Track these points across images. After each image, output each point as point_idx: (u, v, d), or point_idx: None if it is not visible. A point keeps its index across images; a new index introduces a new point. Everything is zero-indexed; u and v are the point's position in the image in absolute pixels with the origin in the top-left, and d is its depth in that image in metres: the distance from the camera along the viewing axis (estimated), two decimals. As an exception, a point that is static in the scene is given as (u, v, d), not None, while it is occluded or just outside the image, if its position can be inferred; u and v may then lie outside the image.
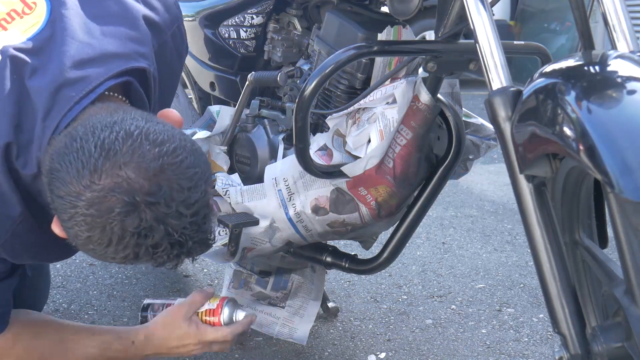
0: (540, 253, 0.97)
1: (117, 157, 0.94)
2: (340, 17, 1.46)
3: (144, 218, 0.95)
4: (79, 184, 0.94)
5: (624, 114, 0.84)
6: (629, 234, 0.83)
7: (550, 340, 1.90)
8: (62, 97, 1.05)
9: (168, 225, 0.96)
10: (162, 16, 1.23)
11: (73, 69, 1.06)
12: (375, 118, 1.39)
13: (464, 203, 3.23)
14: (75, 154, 0.95)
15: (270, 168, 1.51)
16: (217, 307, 1.40)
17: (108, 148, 0.94)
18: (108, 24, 1.14)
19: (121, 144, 0.95)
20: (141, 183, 0.94)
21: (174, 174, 0.96)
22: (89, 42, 1.10)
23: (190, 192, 0.97)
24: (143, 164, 0.95)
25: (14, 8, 1.12)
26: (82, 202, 0.94)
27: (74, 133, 0.98)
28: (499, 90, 1.01)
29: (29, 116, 1.05)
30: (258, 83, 1.59)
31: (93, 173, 0.94)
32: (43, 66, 1.07)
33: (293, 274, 1.80)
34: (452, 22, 1.25)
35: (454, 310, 2.09)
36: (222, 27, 1.76)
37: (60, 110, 1.04)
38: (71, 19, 1.11)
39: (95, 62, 1.09)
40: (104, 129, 0.96)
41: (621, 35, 1.07)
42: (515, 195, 0.99)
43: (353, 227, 1.49)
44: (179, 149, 0.98)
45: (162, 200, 0.95)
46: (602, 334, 0.91)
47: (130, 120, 0.98)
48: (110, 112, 1.02)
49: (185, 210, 0.97)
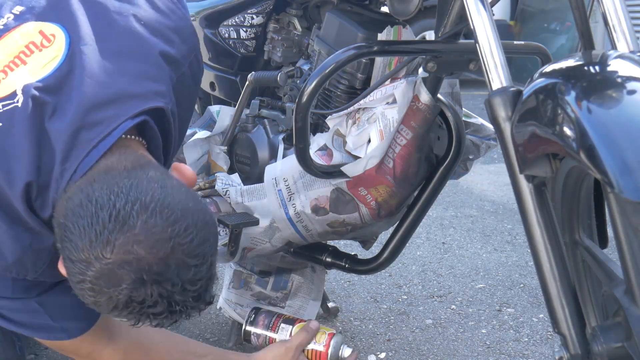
0: (540, 253, 0.97)
1: (130, 233, 0.96)
2: (340, 17, 1.46)
3: (150, 293, 0.98)
4: (90, 254, 0.96)
5: (624, 114, 0.83)
6: (629, 234, 0.83)
7: (550, 340, 1.90)
8: (81, 140, 1.05)
9: (172, 300, 0.99)
10: (180, 48, 1.22)
11: (91, 111, 1.07)
12: (375, 118, 1.39)
13: (464, 203, 3.23)
14: (90, 220, 0.96)
15: (270, 168, 1.51)
16: (324, 348, 1.47)
17: (123, 222, 0.96)
18: (125, 61, 1.13)
19: (135, 219, 0.96)
20: (151, 262, 0.96)
21: (183, 253, 0.98)
22: (106, 82, 1.10)
23: (197, 268, 1.00)
24: (155, 243, 0.97)
25: (33, 40, 1.12)
26: (91, 272, 0.96)
27: (90, 192, 0.99)
28: (499, 90, 1.01)
29: (48, 158, 1.06)
30: (258, 83, 1.59)
31: (105, 245, 0.95)
32: (61, 107, 1.07)
33: (293, 274, 1.80)
34: (452, 22, 1.25)
35: (454, 310, 2.09)
36: (222, 27, 1.76)
37: (79, 155, 1.04)
38: (89, 55, 1.11)
39: (112, 103, 1.08)
40: (120, 195, 0.97)
41: (621, 35, 1.07)
42: (515, 195, 0.99)
43: (353, 227, 1.49)
44: (191, 227, 0.99)
45: (169, 279, 0.98)
46: (602, 334, 0.91)
47: (146, 185, 1.00)
48: (127, 167, 1.03)
49: (190, 286, 1.00)
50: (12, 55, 1.10)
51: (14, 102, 1.06)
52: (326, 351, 1.45)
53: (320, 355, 1.45)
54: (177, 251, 0.98)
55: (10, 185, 1.04)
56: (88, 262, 0.96)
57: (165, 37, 1.20)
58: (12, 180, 1.04)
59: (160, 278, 0.97)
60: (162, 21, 1.21)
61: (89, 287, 0.97)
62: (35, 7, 1.15)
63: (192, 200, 1.03)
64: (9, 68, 1.09)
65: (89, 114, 1.06)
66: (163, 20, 1.21)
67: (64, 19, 1.14)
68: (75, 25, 1.13)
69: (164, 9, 1.22)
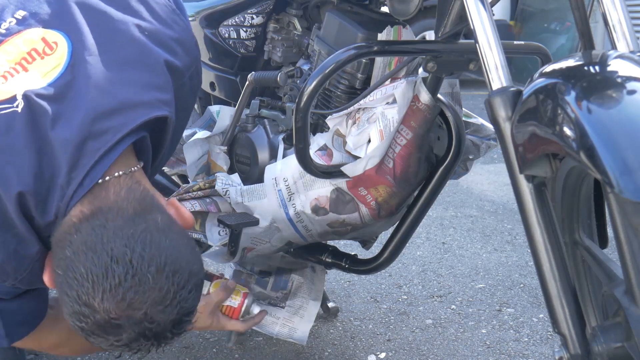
0: (540, 253, 0.97)
1: (146, 294, 1.00)
2: (340, 17, 1.46)
3: (143, 343, 1.03)
4: (100, 304, 0.99)
5: (624, 114, 0.83)
6: (629, 234, 0.83)
7: (550, 340, 1.90)
8: (87, 150, 1.06)
9: (158, 344, 1.06)
10: (182, 59, 1.22)
11: (97, 120, 1.07)
12: (375, 118, 1.39)
13: (464, 203, 3.23)
14: (104, 270, 0.99)
15: (270, 168, 1.51)
16: (238, 306, 1.56)
17: (139, 282, 1.00)
18: (130, 70, 1.13)
19: (151, 282, 1.00)
20: (159, 323, 1.02)
21: (183, 314, 1.05)
22: (111, 91, 1.10)
23: (187, 318, 1.07)
24: (166, 309, 1.02)
25: (35, 47, 1.11)
26: (90, 319, 1.00)
27: (104, 237, 1.01)
28: (499, 90, 1.01)
29: (50, 165, 1.05)
30: (258, 83, 1.59)
31: (119, 302, 0.99)
32: (65, 115, 1.06)
33: (293, 274, 1.80)
34: (452, 22, 1.25)
35: (454, 310, 2.09)
36: (222, 27, 1.76)
37: (86, 164, 1.05)
38: (92, 64, 1.10)
39: (118, 112, 1.09)
40: (135, 250, 1.01)
41: (621, 35, 1.07)
42: (515, 195, 0.99)
43: (353, 227, 1.49)
44: (193, 289, 1.06)
45: (165, 333, 1.04)
46: (602, 334, 0.91)
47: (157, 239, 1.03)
48: (136, 209, 1.06)
49: (175, 330, 1.06)
50: (14, 62, 1.10)
51: (13, 107, 1.05)
52: (239, 308, 1.56)
53: (233, 310, 1.56)
54: (179, 313, 1.04)
55: (5, 190, 1.04)
56: (93, 310, 0.99)
57: (168, 48, 1.20)
58: (7, 186, 1.04)
59: (160, 335, 1.03)
60: (165, 32, 1.21)
61: (80, 326, 1.01)
62: (39, 13, 1.14)
63: (193, 258, 1.09)
64: (9, 73, 1.09)
65: (95, 123, 1.07)
66: (166, 31, 1.21)
67: (68, 27, 1.13)
68: (79, 34, 1.13)
69: (167, 20, 1.23)
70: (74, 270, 1.00)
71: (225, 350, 1.86)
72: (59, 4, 1.15)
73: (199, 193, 1.54)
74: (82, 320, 1.01)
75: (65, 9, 1.14)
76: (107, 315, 0.99)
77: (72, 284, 1.00)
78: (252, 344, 1.86)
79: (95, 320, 1.00)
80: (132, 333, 1.01)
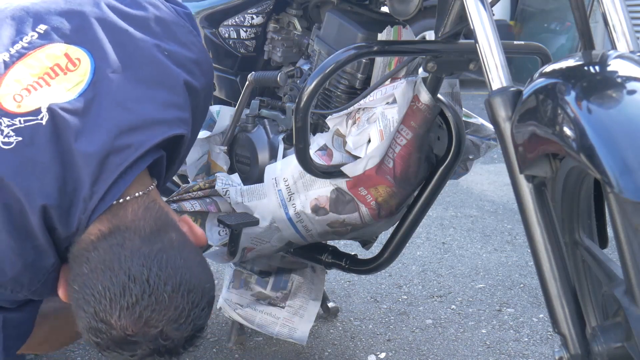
0: (540, 253, 0.97)
1: (162, 313, 1.02)
2: (340, 17, 1.46)
3: (154, 357, 1.05)
4: (117, 321, 1.01)
5: (624, 114, 0.83)
6: (629, 234, 0.83)
7: (550, 340, 1.90)
8: (110, 164, 1.07)
9: (169, 356, 1.07)
10: (200, 80, 1.24)
11: (120, 136, 1.08)
12: (375, 118, 1.39)
13: (464, 203, 3.23)
14: (122, 289, 1.02)
15: (270, 168, 1.51)
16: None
17: (156, 301, 1.02)
18: (151, 89, 1.15)
19: (167, 301, 1.03)
20: (172, 339, 1.04)
21: (195, 330, 1.08)
22: (132, 108, 1.11)
23: (199, 334, 1.09)
24: (181, 326, 1.04)
25: (58, 63, 1.12)
26: (106, 335, 1.02)
27: (121, 257, 1.04)
28: (499, 90, 1.01)
29: (73, 179, 1.06)
30: (258, 83, 1.59)
31: (137, 320, 1.01)
32: (88, 130, 1.08)
33: (293, 274, 1.80)
34: (452, 22, 1.25)
35: (454, 310, 2.09)
36: (222, 27, 1.76)
37: (107, 179, 1.07)
38: (115, 81, 1.12)
39: (140, 129, 1.10)
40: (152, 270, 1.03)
41: (621, 35, 1.07)
42: (515, 195, 0.99)
43: (353, 227, 1.49)
44: (205, 307, 1.08)
45: (179, 348, 1.06)
46: (602, 334, 0.91)
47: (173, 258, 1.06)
48: (152, 228, 1.08)
49: (188, 346, 1.09)
50: (37, 76, 1.10)
51: (38, 119, 1.06)
52: None
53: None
54: (193, 329, 1.07)
55: (29, 202, 1.05)
56: (111, 326, 1.02)
57: (187, 69, 1.22)
58: (31, 198, 1.05)
59: (173, 350, 1.06)
60: (184, 53, 1.23)
61: (96, 341, 1.04)
62: (61, 28, 1.15)
63: (206, 277, 1.11)
64: (32, 87, 1.09)
65: (117, 139, 1.08)
66: (185, 53, 1.23)
67: (90, 43, 1.15)
68: (101, 51, 1.14)
69: (185, 42, 1.25)
70: (92, 287, 1.03)
71: (225, 350, 1.86)
72: (80, 20, 1.16)
73: (199, 193, 1.54)
74: (98, 336, 1.03)
75: (87, 25, 1.16)
76: (123, 332, 1.02)
77: (90, 301, 1.02)
78: (252, 344, 1.86)
79: (111, 336, 1.02)
80: (146, 349, 1.03)
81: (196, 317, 1.06)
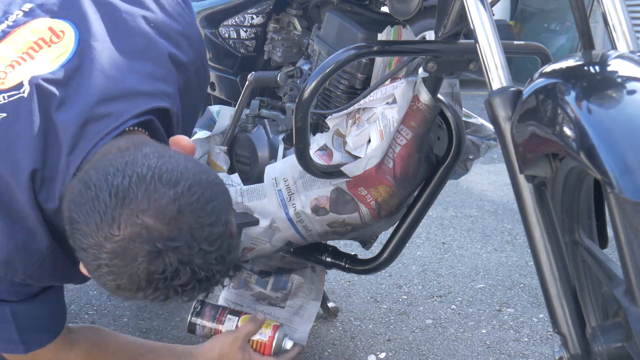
0: (540, 253, 0.97)
1: (133, 204, 0.93)
2: (340, 17, 1.46)
3: (169, 262, 0.94)
4: (99, 237, 0.93)
5: (624, 114, 0.83)
6: (629, 234, 0.83)
7: (550, 340, 1.90)
8: (88, 132, 1.04)
9: (194, 265, 0.95)
10: (187, 53, 1.22)
11: (100, 104, 1.06)
12: (375, 118, 1.39)
13: (464, 203, 3.23)
14: (92, 204, 0.93)
15: (270, 168, 1.51)
16: (269, 339, 1.48)
17: (123, 196, 0.93)
18: (135, 60, 1.13)
19: (135, 191, 0.93)
20: (160, 229, 0.93)
21: (192, 213, 0.94)
22: (116, 77, 1.09)
23: (212, 227, 0.96)
24: (160, 209, 0.93)
25: (42, 37, 1.12)
26: (104, 254, 0.93)
27: (87, 179, 0.96)
28: (499, 90, 1.01)
29: (54, 150, 1.05)
30: (258, 83, 1.59)
31: (112, 224, 0.92)
32: (70, 99, 1.06)
33: (293, 274, 1.80)
34: (452, 22, 1.25)
35: (454, 310, 2.09)
36: (222, 27, 1.76)
37: (85, 146, 1.04)
38: (99, 51, 1.11)
39: (121, 99, 1.08)
40: (116, 173, 0.94)
41: (621, 35, 1.07)
42: (515, 195, 0.99)
43: (353, 227, 1.49)
44: (195, 186, 0.96)
45: (184, 242, 0.94)
46: (602, 334, 0.91)
47: (141, 159, 0.96)
48: (121, 149, 1.01)
49: (208, 247, 0.96)
50: (21, 51, 1.10)
51: (20, 93, 1.05)
52: (270, 342, 1.48)
53: (264, 345, 1.47)
54: (184, 212, 0.94)
55: (16, 175, 1.03)
56: (99, 245, 0.93)
57: (173, 41, 1.20)
58: (18, 170, 1.03)
59: (175, 243, 0.93)
60: (171, 25, 1.21)
61: (107, 271, 0.94)
62: (45, 4, 1.15)
63: (191, 162, 1.00)
64: (16, 62, 1.09)
65: (97, 106, 1.06)
66: (172, 24, 1.21)
67: (74, 16, 1.14)
68: (86, 23, 1.13)
69: (173, 13, 1.23)
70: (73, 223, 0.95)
71: (225, 350, 1.86)
72: None
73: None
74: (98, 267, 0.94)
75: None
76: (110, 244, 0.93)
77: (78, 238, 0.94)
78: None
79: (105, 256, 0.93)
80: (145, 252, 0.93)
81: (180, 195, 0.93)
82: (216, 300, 1.82)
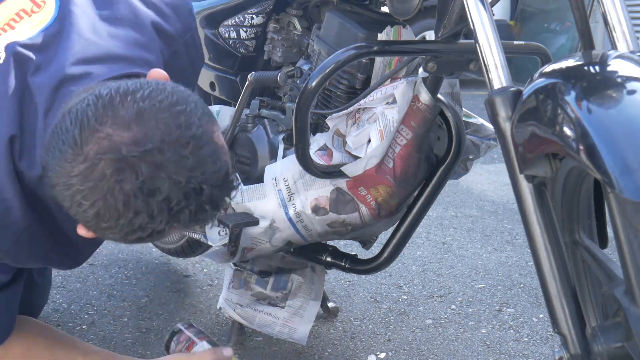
0: (540, 253, 0.97)
1: (91, 121, 0.87)
2: (340, 17, 1.46)
3: (140, 171, 0.86)
4: (65, 163, 0.87)
5: (624, 114, 0.84)
6: (629, 234, 0.83)
7: (550, 340, 1.90)
8: (64, 93, 1.02)
9: (170, 172, 0.86)
10: (174, 24, 1.20)
11: (76, 64, 1.04)
12: (375, 118, 1.39)
13: (464, 203, 3.23)
14: (57, 137, 0.89)
15: (270, 168, 1.51)
16: None
17: (81, 117, 0.88)
18: (116, 26, 1.12)
19: (93, 108, 0.88)
20: (122, 135, 0.85)
21: (155, 115, 0.87)
22: (95, 41, 1.09)
23: (182, 129, 0.88)
24: (118, 116, 0.87)
25: (23, 8, 1.12)
26: (74, 179, 0.87)
27: (54, 122, 0.93)
28: (499, 90, 1.01)
29: (31, 114, 1.03)
30: (258, 83, 1.59)
31: (74, 146, 0.87)
32: (47, 62, 1.05)
33: (293, 274, 1.80)
34: (452, 22, 1.25)
35: (454, 310, 2.09)
36: (222, 27, 1.76)
37: (61, 107, 0.99)
38: (79, 16, 1.10)
39: (100, 61, 1.07)
40: (78, 103, 0.90)
41: (621, 35, 1.07)
42: (515, 195, 0.99)
43: (353, 227, 1.49)
44: (156, 92, 0.89)
45: (151, 145, 0.86)
46: (602, 334, 0.91)
47: (103, 86, 0.92)
48: (87, 89, 0.96)
49: (182, 150, 0.87)
50: (2, 23, 1.10)
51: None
52: None
53: None
54: (146, 114, 0.87)
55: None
56: (67, 172, 0.87)
57: (159, 11, 1.19)
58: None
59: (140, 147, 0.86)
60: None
61: (80, 197, 0.87)
62: None
63: (156, 81, 0.94)
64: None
65: (73, 67, 1.04)
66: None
67: None
68: None
69: None
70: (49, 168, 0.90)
71: (225, 350, 1.86)
72: None
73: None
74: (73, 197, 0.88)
75: None
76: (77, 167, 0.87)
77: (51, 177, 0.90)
78: (252, 344, 1.86)
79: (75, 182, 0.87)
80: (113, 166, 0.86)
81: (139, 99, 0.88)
82: (216, 300, 1.82)
